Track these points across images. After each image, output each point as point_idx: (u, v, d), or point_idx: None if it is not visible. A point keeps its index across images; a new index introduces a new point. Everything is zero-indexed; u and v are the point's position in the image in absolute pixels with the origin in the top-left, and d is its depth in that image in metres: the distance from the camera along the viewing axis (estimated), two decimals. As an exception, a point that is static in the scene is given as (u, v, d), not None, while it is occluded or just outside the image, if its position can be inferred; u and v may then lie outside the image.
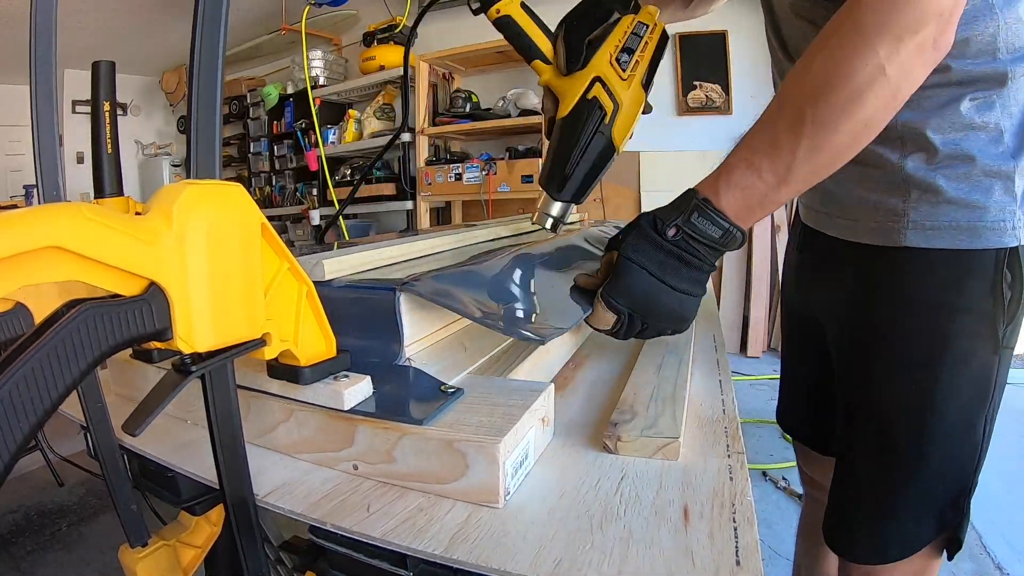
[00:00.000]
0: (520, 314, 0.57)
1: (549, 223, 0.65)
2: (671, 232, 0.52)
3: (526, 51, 0.62)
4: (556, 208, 0.63)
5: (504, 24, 0.61)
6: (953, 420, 0.58)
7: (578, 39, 0.58)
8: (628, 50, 0.58)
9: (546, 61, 0.61)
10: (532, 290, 0.62)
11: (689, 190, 0.53)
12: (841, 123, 0.46)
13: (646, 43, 0.58)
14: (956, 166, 0.55)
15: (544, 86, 0.62)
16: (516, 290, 0.61)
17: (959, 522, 0.60)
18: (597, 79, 0.58)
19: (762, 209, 0.51)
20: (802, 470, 0.95)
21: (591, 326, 0.57)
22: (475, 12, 0.62)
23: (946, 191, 0.55)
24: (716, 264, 0.54)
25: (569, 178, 0.60)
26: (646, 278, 0.53)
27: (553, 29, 0.61)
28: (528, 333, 0.52)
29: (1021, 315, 0.56)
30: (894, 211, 0.58)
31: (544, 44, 0.61)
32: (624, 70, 0.58)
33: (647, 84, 0.59)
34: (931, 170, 0.56)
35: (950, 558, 0.62)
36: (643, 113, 0.61)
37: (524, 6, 0.61)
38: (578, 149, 0.59)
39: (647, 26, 0.58)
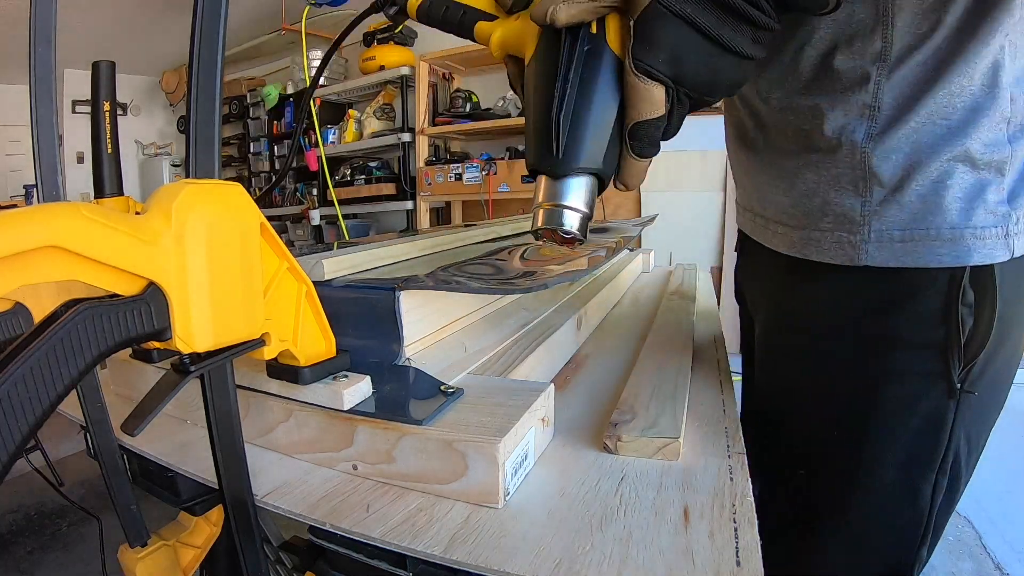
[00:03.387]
0: (516, 277, 0.56)
1: (568, 220, 0.36)
2: None
3: (463, 20, 0.45)
4: (568, 193, 0.36)
5: (429, 8, 0.47)
6: (888, 481, 0.47)
7: None
8: None
9: (489, 17, 0.44)
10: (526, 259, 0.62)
11: None
12: None
13: None
14: (935, 155, 0.43)
15: (500, 52, 0.43)
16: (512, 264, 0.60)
17: None
18: None
19: None
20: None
21: (639, 135, 0.34)
22: (395, 19, 0.52)
23: (917, 190, 0.44)
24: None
25: (562, 133, 0.34)
26: (699, 41, 0.32)
27: None
28: (530, 284, 0.51)
29: (993, 346, 0.43)
30: (848, 217, 0.47)
31: (479, 2, 0.45)
32: None
33: None
34: (899, 160, 0.45)
35: None
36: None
37: None
38: (561, 84, 0.34)
39: None
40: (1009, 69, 0.40)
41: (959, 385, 0.44)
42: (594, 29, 0.35)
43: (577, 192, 0.35)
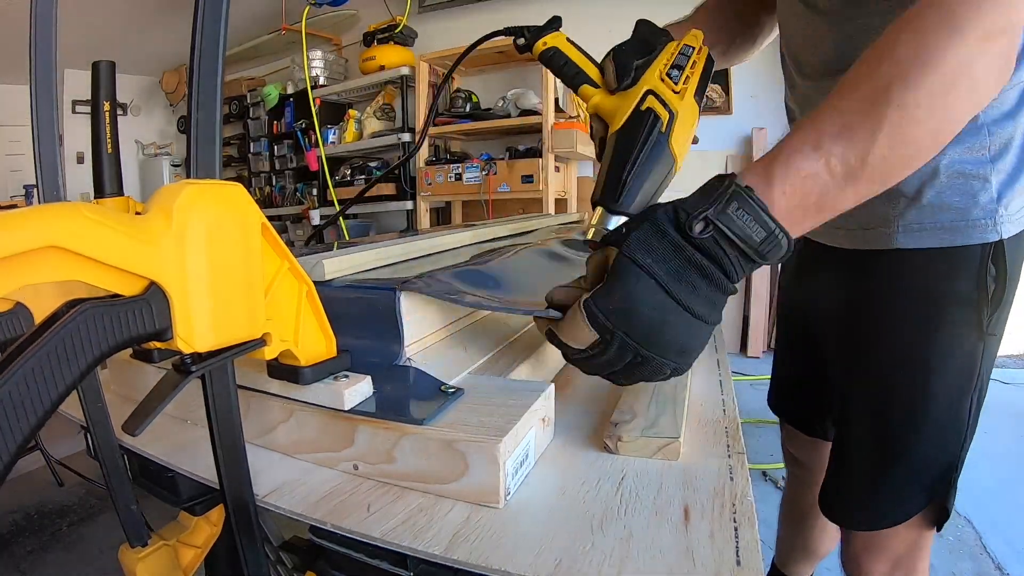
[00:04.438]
0: (520, 295, 0.56)
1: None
2: (698, 227, 0.39)
3: (573, 78, 0.61)
4: (613, 222, 0.52)
5: (551, 57, 0.62)
6: (942, 402, 0.62)
7: (627, 60, 0.57)
8: (678, 67, 0.56)
9: (593, 85, 0.60)
10: (531, 276, 0.62)
11: (724, 175, 0.41)
12: (929, 113, 0.39)
13: (694, 61, 0.58)
14: (933, 171, 0.59)
15: (592, 111, 0.60)
16: (515, 278, 0.60)
17: (946, 494, 0.64)
18: (649, 91, 0.54)
19: (819, 212, 0.41)
20: (786, 450, 1.00)
21: (553, 341, 0.45)
22: (521, 50, 0.65)
23: (929, 197, 0.59)
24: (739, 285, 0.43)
25: (626, 187, 0.50)
26: (653, 289, 0.39)
27: (599, 60, 0.61)
28: (531, 309, 0.51)
29: (1005, 304, 0.60)
30: (885, 218, 0.63)
31: (591, 69, 0.61)
32: (676, 83, 0.55)
33: (700, 95, 0.57)
34: (915, 180, 0.59)
35: (939, 530, 0.67)
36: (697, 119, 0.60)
37: (569, 39, 0.63)
38: (634, 156, 0.51)
39: (693, 48, 0.59)
40: (986, 111, 0.56)
41: (986, 330, 0.60)
42: (664, 129, 0.51)
43: (617, 224, 0.50)
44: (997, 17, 0.39)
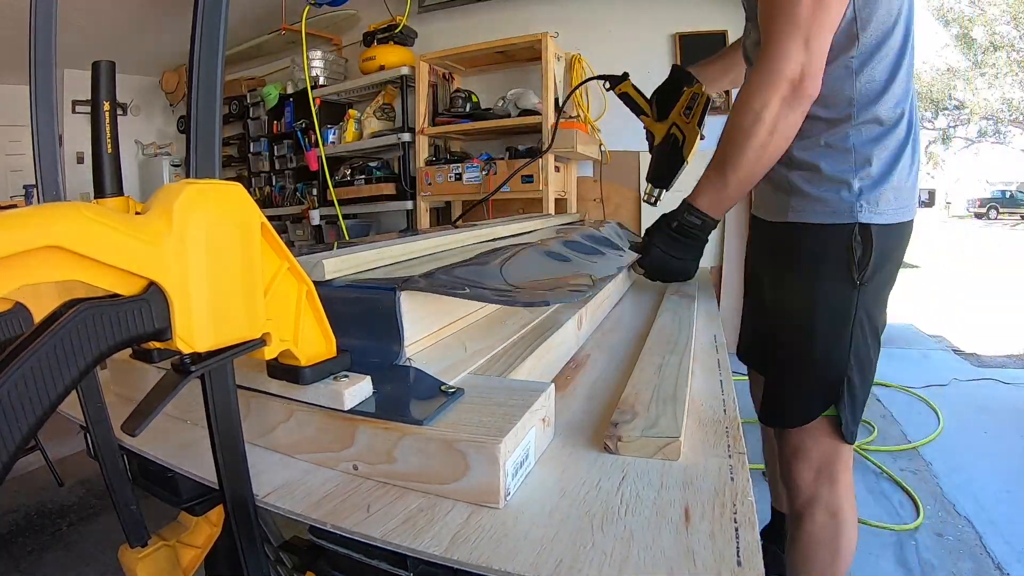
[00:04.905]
0: (521, 288, 0.57)
1: (653, 199, 1.26)
2: (674, 224, 0.96)
3: (637, 111, 1.25)
4: (656, 191, 1.25)
5: (623, 96, 1.26)
6: (826, 330, 0.87)
7: (663, 104, 1.19)
8: (689, 108, 1.14)
9: (647, 115, 1.22)
10: (533, 271, 0.63)
11: (685, 200, 0.94)
12: (740, 156, 0.83)
13: (699, 104, 1.13)
14: (814, 173, 0.87)
15: (647, 128, 1.25)
16: (517, 272, 0.61)
17: (838, 403, 0.87)
18: (674, 123, 1.16)
19: (720, 205, 0.91)
20: (753, 394, 1.23)
21: (636, 271, 1.10)
22: (608, 89, 1.29)
23: (811, 191, 0.87)
24: (706, 239, 0.96)
25: (661, 174, 1.22)
26: (660, 253, 0.99)
27: (649, 96, 1.24)
28: (532, 300, 0.52)
29: (876, 267, 0.84)
30: (785, 204, 0.91)
31: (646, 106, 1.23)
32: (687, 119, 1.15)
33: (700, 124, 1.14)
34: (801, 176, 0.88)
35: (850, 442, 0.89)
36: (700, 139, 1.16)
37: (634, 85, 1.25)
38: (665, 159, 1.20)
39: (699, 95, 1.13)
40: (856, 138, 0.84)
41: (858, 281, 0.85)
42: (679, 144, 1.18)
43: (655, 191, 1.26)
44: (771, 79, 0.77)
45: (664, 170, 1.20)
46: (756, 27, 0.88)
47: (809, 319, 0.87)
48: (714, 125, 1.00)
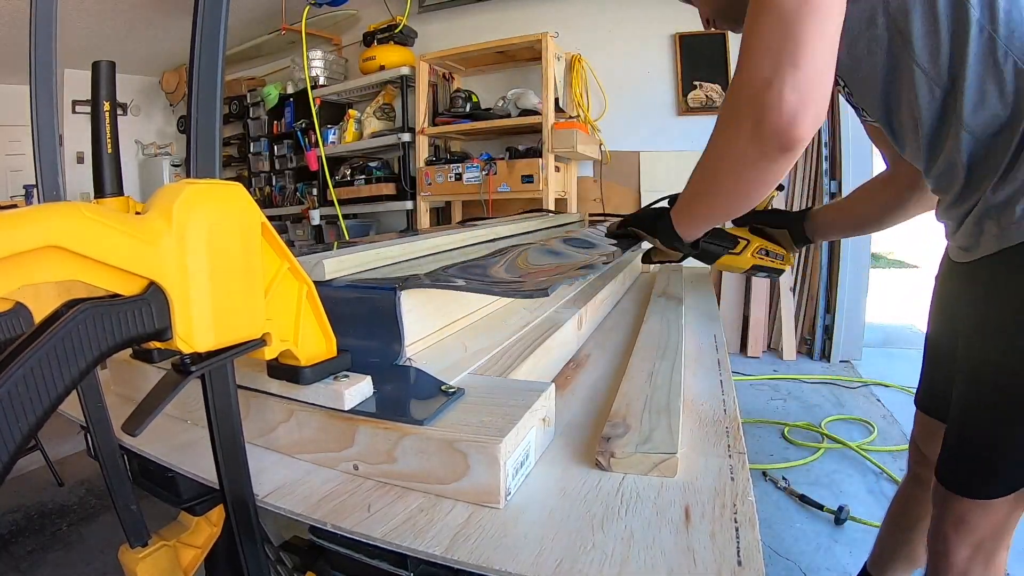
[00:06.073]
0: (524, 278, 0.56)
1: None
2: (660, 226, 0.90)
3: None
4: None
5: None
6: None
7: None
8: (762, 254, 1.03)
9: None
10: (532, 264, 0.63)
11: (669, 211, 0.87)
12: (711, 190, 0.71)
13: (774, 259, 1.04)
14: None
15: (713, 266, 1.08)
16: (516, 266, 0.61)
17: None
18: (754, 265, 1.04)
19: (695, 232, 0.83)
20: (917, 449, 1.05)
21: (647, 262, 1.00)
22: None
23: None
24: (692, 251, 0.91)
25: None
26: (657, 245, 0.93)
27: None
28: (532, 292, 0.51)
29: None
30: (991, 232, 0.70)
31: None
32: (767, 259, 1.03)
33: (756, 257, 1.03)
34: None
35: None
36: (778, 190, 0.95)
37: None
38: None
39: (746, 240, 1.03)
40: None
41: None
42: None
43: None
44: (735, 118, 0.60)
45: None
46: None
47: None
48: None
